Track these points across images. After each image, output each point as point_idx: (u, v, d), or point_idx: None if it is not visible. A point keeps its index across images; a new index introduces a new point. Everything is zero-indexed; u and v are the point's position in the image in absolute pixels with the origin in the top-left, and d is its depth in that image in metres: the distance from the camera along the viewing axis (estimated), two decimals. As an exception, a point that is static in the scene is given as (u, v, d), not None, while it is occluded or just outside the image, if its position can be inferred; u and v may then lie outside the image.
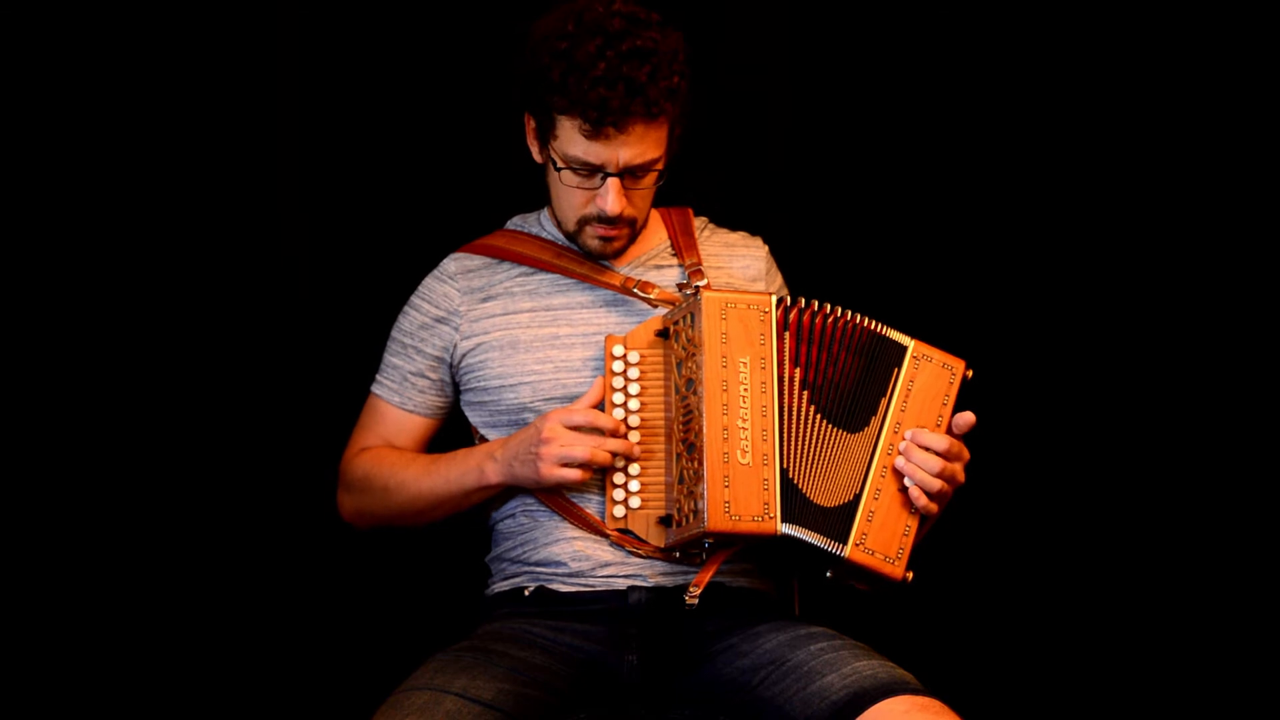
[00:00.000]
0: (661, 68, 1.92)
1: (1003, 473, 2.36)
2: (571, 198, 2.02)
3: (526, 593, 2.02)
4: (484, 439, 2.09)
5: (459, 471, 2.03)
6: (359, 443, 2.15)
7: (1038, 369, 2.56)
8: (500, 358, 2.06)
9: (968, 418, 1.94)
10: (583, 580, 1.99)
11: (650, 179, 2.01)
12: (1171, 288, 2.54)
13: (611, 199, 1.98)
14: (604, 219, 2.01)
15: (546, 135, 1.99)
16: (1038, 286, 2.57)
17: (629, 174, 1.98)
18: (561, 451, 1.92)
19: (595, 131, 1.92)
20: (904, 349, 1.96)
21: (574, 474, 1.94)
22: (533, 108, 2.01)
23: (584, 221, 2.03)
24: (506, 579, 2.06)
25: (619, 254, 2.09)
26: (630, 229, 2.06)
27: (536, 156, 2.07)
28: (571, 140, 1.95)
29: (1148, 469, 2.54)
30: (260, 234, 2.48)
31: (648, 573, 1.97)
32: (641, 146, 1.95)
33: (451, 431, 2.16)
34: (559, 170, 1.99)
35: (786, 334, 1.93)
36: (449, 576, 2.34)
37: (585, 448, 1.92)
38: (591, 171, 1.98)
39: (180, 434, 2.43)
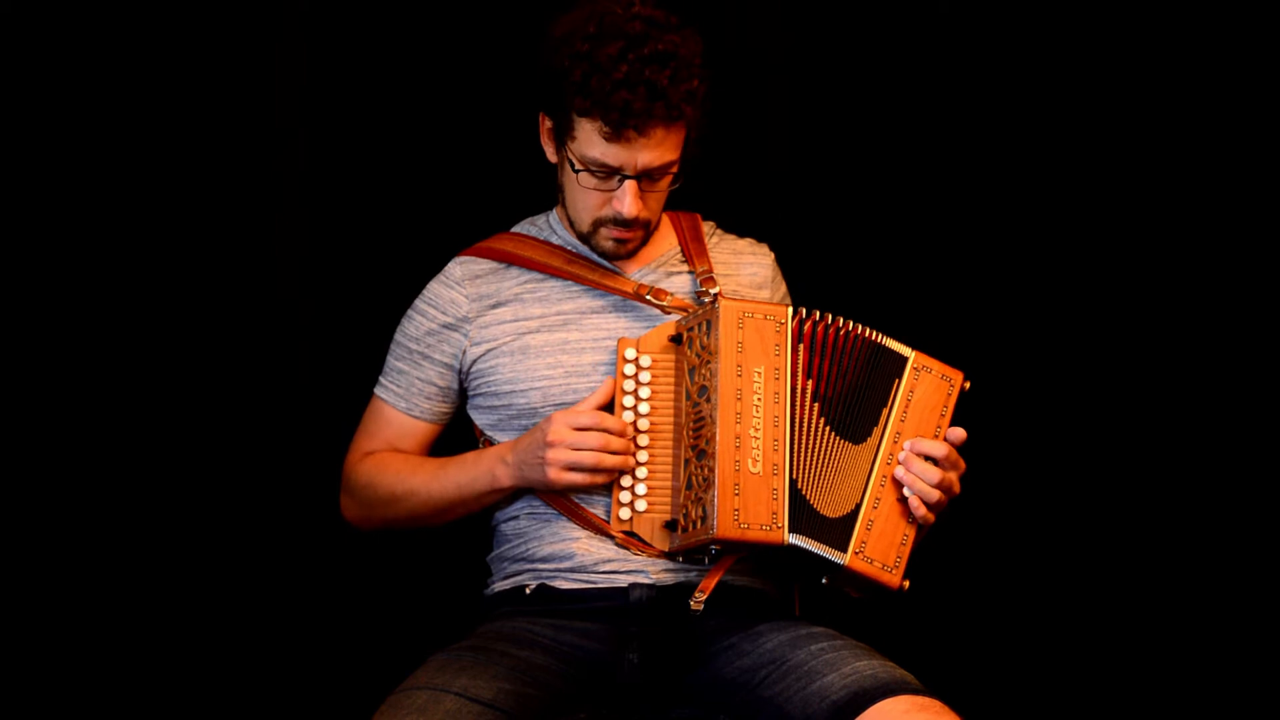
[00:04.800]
0: (682, 71, 1.92)
1: (1003, 477, 2.39)
2: (587, 199, 2.02)
3: (527, 590, 2.01)
4: (490, 441, 2.09)
5: (470, 476, 2.03)
6: (362, 447, 2.14)
7: (1036, 374, 2.56)
8: (511, 363, 2.05)
9: (958, 433, 1.96)
10: (584, 576, 1.99)
11: (666, 181, 2.01)
12: (1171, 301, 2.55)
13: (629, 202, 1.98)
14: (620, 221, 2.01)
15: (564, 136, 1.99)
16: (1036, 293, 2.57)
17: (646, 176, 1.98)
18: (568, 457, 1.92)
19: (616, 134, 1.92)
20: (905, 360, 1.97)
21: (580, 478, 1.94)
22: (550, 108, 2.00)
23: (599, 223, 2.04)
24: (507, 577, 2.05)
25: (632, 255, 2.09)
26: (644, 230, 2.06)
27: (551, 156, 2.06)
28: (591, 142, 1.95)
29: (1143, 473, 2.55)
30: (261, 234, 2.47)
31: (650, 570, 1.97)
32: (661, 150, 1.96)
33: (457, 430, 2.16)
34: (577, 172, 1.99)
35: (801, 345, 1.94)
36: (449, 576, 2.34)
37: (592, 455, 1.92)
38: (609, 173, 1.98)
39: (181, 434, 2.42)
